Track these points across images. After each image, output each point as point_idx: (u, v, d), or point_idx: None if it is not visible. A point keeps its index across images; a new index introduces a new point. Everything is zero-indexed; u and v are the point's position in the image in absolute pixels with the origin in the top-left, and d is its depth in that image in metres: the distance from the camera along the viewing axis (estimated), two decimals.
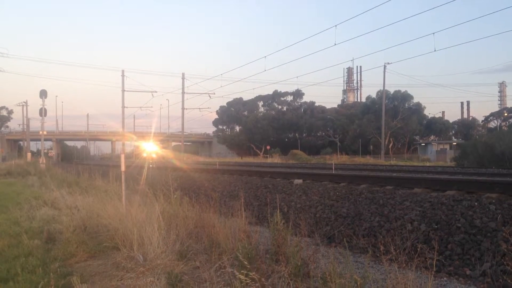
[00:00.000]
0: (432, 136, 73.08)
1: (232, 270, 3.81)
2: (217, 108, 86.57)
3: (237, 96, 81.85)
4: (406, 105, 66.81)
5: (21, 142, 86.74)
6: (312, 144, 74.55)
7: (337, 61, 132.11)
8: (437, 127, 71.55)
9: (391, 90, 67.88)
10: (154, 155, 49.38)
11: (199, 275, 4.58)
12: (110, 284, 4.33)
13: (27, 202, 11.03)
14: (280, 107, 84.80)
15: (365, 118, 66.26)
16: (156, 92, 45.14)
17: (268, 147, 68.12)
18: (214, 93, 48.15)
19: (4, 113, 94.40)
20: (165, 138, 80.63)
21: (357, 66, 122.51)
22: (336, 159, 43.72)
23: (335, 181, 9.99)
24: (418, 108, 67.88)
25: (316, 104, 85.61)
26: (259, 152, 72.03)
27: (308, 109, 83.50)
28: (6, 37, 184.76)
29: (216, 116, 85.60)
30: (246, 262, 3.79)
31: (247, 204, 9.31)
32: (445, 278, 4.79)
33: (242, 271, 3.64)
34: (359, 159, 46.58)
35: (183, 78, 50.16)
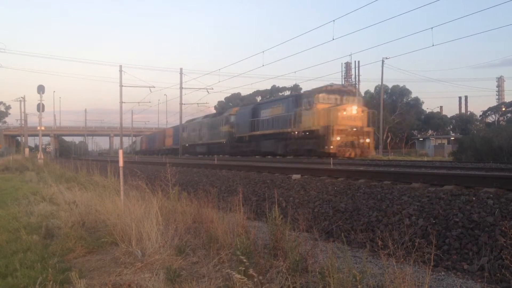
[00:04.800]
0: (430, 130, 73.11)
1: (228, 271, 3.81)
2: (215, 103, 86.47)
3: (235, 91, 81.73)
4: (404, 100, 66.77)
5: (19, 138, 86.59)
6: None
7: (335, 56, 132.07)
8: (435, 122, 71.56)
9: (389, 85, 67.89)
10: None
11: (197, 270, 4.59)
12: (108, 279, 4.33)
13: (25, 197, 11.01)
14: None
15: None
16: (154, 87, 44.79)
17: None
18: (212, 88, 47.89)
19: (2, 108, 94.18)
20: None
21: (355, 61, 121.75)
22: None
23: (333, 176, 9.99)
24: (416, 103, 67.86)
25: None
26: None
27: None
28: (3, 32, 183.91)
29: (214, 111, 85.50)
30: (244, 259, 3.79)
31: (246, 199, 9.32)
32: (442, 273, 4.80)
33: (240, 268, 3.64)
34: None
35: (181, 73, 50.09)
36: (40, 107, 36.72)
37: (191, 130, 50.47)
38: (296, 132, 27.10)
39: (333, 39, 26.85)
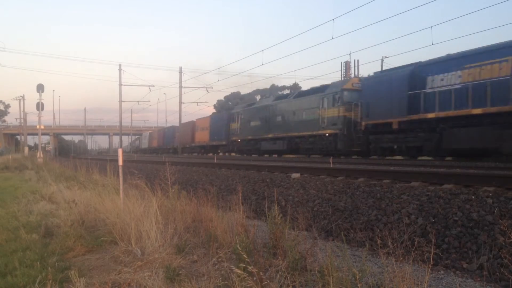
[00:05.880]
0: None
1: (229, 265, 3.81)
2: (215, 102, 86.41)
3: (235, 90, 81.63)
4: None
5: (18, 137, 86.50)
6: None
7: (335, 55, 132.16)
8: None
9: None
10: None
11: (197, 269, 4.59)
12: (108, 278, 4.33)
13: (25, 196, 11.01)
14: None
15: None
16: (153, 86, 44.71)
17: None
18: (212, 87, 47.85)
19: (1, 107, 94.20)
20: None
21: (354, 60, 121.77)
22: None
23: (333, 175, 10.00)
24: None
25: None
26: None
27: None
28: (3, 31, 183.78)
29: (214, 110, 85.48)
30: (244, 255, 3.79)
31: (245, 198, 9.32)
32: (442, 271, 4.81)
33: (240, 264, 3.64)
34: None
35: (180, 72, 50.03)
36: (40, 106, 36.72)
37: (249, 119, 35.22)
38: None
39: (332, 38, 26.91)
